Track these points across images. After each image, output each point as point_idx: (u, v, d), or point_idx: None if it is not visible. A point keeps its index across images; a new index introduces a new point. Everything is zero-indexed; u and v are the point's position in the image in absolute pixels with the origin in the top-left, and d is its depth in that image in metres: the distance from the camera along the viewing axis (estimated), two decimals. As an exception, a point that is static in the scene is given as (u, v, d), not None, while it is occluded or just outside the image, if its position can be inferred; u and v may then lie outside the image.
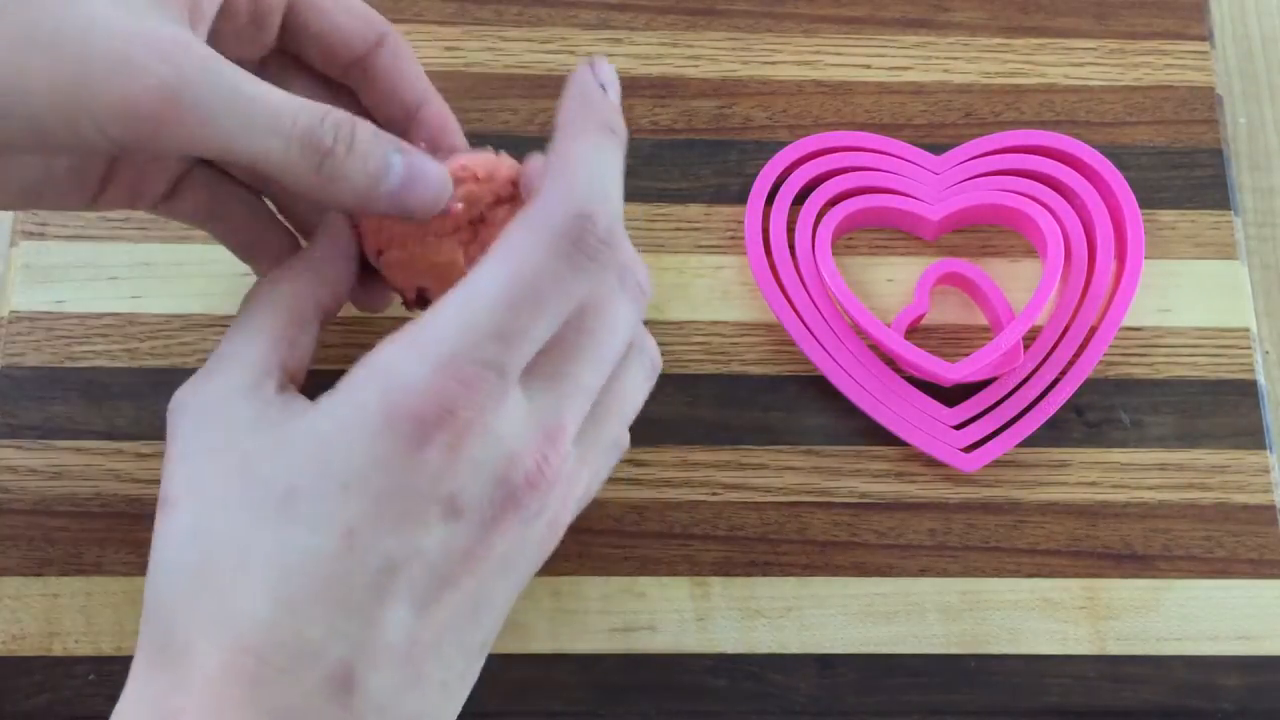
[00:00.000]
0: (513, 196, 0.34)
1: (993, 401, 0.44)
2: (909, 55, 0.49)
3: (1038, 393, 0.44)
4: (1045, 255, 0.45)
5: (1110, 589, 0.43)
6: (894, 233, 0.47)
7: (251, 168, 0.31)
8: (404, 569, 0.28)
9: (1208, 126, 0.49)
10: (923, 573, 0.43)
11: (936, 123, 0.48)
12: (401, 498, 0.28)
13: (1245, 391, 0.45)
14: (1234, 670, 0.42)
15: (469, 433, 0.28)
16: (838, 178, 0.46)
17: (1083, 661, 0.42)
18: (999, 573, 0.43)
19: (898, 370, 0.45)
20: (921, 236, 0.47)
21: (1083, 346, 0.45)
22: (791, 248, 0.46)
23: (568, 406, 0.31)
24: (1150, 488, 0.44)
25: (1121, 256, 0.46)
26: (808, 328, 0.45)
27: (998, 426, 0.44)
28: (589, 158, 0.30)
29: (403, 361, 0.29)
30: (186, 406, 0.31)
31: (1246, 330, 0.46)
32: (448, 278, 0.32)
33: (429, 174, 0.32)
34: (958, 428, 0.44)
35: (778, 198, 0.46)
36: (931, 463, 0.44)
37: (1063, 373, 0.45)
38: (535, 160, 0.34)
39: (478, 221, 0.34)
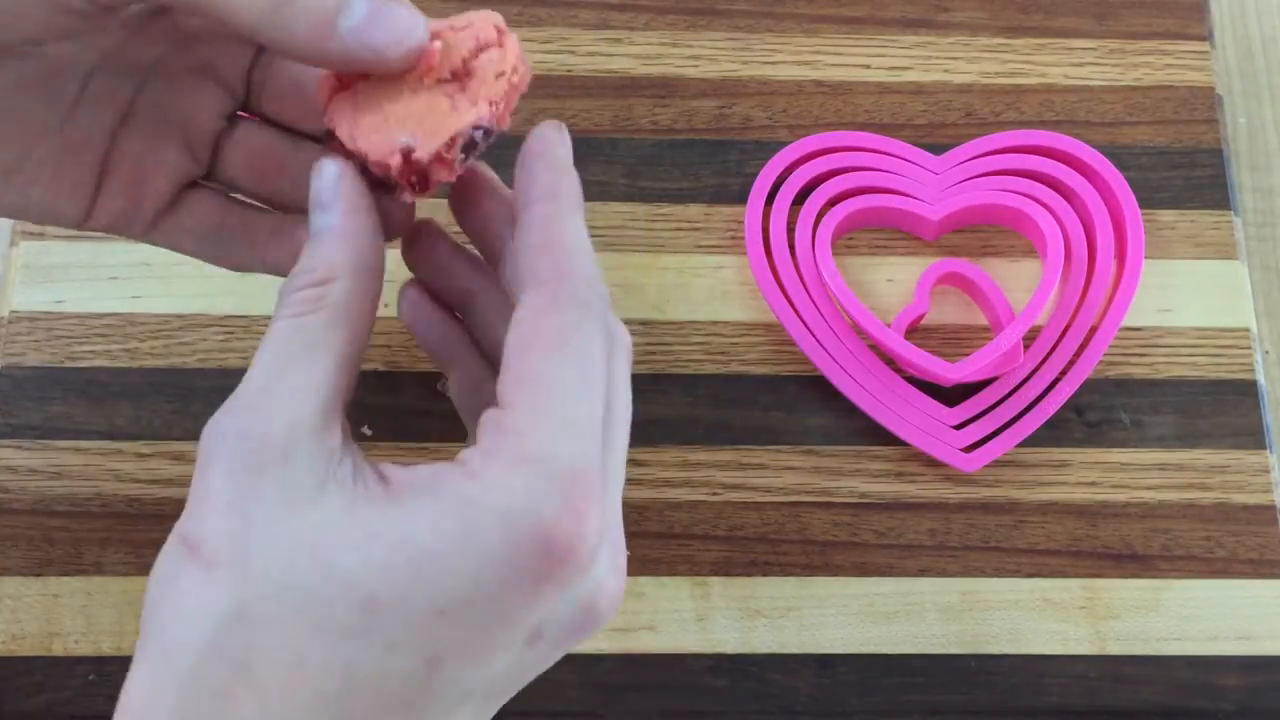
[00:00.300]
0: (499, 42, 0.31)
1: (993, 401, 0.44)
2: (909, 55, 0.49)
3: (1038, 393, 0.44)
4: (1045, 255, 0.45)
5: (1110, 589, 0.43)
6: (894, 233, 0.47)
7: (196, 8, 0.28)
8: (474, 694, 0.26)
9: (1208, 126, 0.49)
10: (923, 573, 0.43)
11: (936, 123, 0.48)
12: (498, 628, 0.26)
13: (1245, 391, 0.45)
14: (1234, 670, 0.42)
15: (589, 560, 0.26)
16: (838, 178, 0.46)
17: (1083, 661, 0.42)
18: (999, 573, 0.43)
19: (898, 370, 0.45)
20: (921, 236, 0.47)
21: (1083, 346, 0.45)
22: (791, 248, 0.46)
23: (619, 505, 0.28)
24: (1150, 488, 0.44)
25: (1121, 256, 0.46)
26: (808, 328, 0.45)
27: (998, 426, 0.44)
28: (581, 237, 0.29)
29: (519, 481, 0.25)
30: (229, 439, 0.26)
31: (1246, 330, 0.46)
32: (434, 125, 0.29)
33: (396, 11, 0.29)
34: (958, 428, 0.44)
35: (778, 198, 0.46)
36: (931, 463, 0.44)
37: (1063, 373, 0.45)
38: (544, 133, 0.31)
39: (463, 74, 0.30)
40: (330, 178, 0.29)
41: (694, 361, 0.45)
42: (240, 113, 0.35)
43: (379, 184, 0.31)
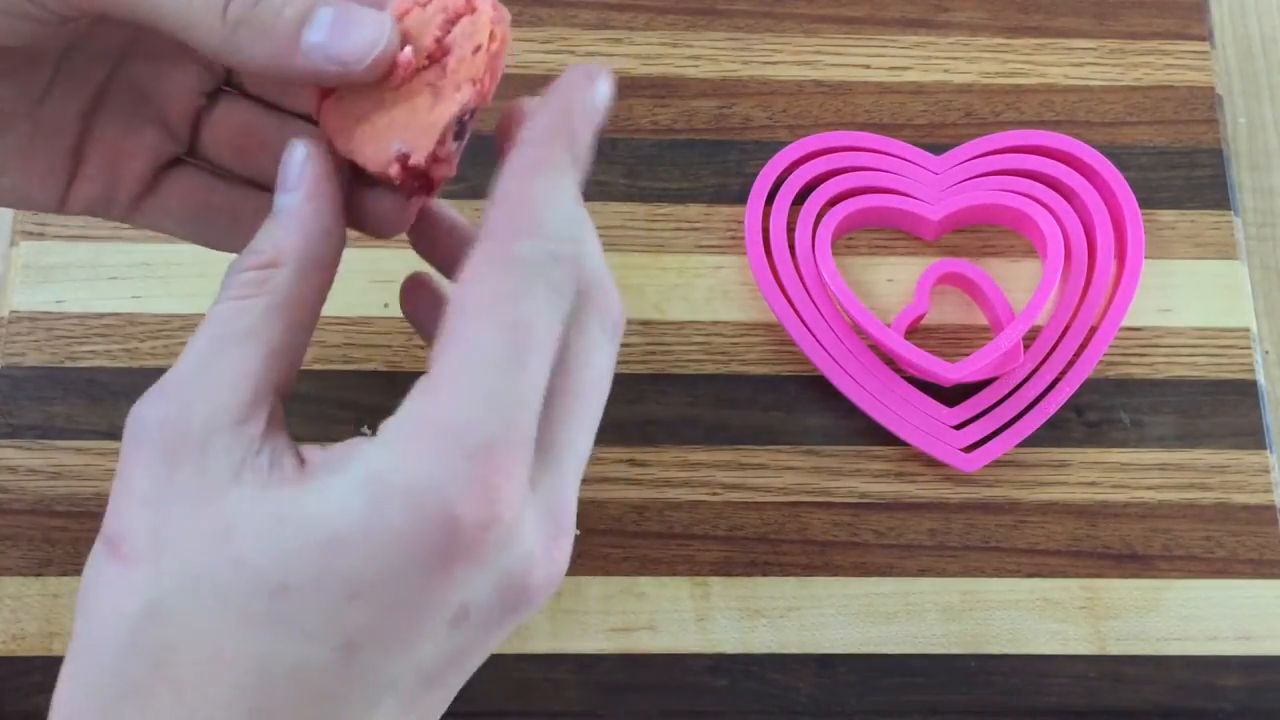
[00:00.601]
0: (471, 9, 0.29)
1: (993, 401, 0.44)
2: (909, 55, 0.49)
3: (1038, 393, 0.44)
4: (1045, 255, 0.45)
5: (1110, 589, 0.43)
6: (894, 233, 0.47)
7: (154, 27, 0.27)
8: (400, 681, 0.25)
9: (1208, 126, 0.49)
10: (923, 573, 0.43)
11: (936, 123, 0.48)
12: (415, 611, 0.25)
13: (1245, 391, 0.45)
14: (1234, 670, 0.42)
15: (507, 538, 0.25)
16: (838, 178, 0.46)
17: (1083, 661, 0.42)
18: (999, 573, 0.43)
19: (898, 370, 0.45)
20: (921, 236, 0.47)
21: (1083, 346, 0.45)
22: (791, 248, 0.46)
23: (571, 482, 0.27)
24: (1150, 488, 0.44)
25: (1121, 256, 0.46)
26: (808, 328, 0.45)
27: (998, 426, 0.44)
28: (556, 192, 0.27)
29: (428, 455, 0.24)
30: (149, 428, 0.26)
31: (1246, 330, 0.46)
32: (422, 124, 0.28)
33: (362, 19, 0.27)
34: (958, 428, 0.44)
35: (778, 198, 0.46)
36: (931, 463, 0.44)
37: (1063, 373, 0.45)
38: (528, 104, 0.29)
39: (438, 54, 0.29)
40: (299, 159, 0.28)
41: (694, 361, 0.45)
42: (224, 86, 0.34)
43: (388, 183, 0.30)
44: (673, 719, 0.41)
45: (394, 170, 0.29)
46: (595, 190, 0.47)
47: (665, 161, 0.47)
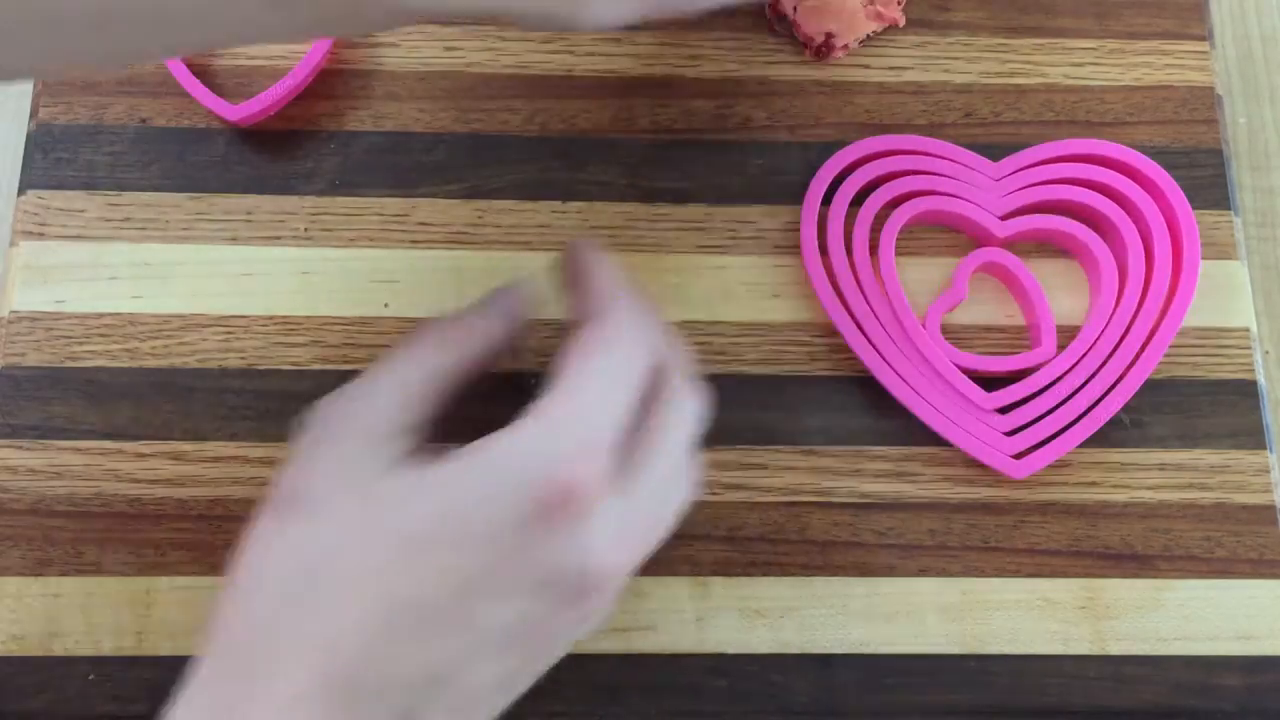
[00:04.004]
0: None
1: (1043, 411, 0.44)
2: (909, 55, 0.49)
3: (1089, 403, 0.44)
4: (1098, 290, 0.45)
5: (1110, 589, 0.43)
6: (939, 230, 0.47)
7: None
8: (492, 633, 0.31)
9: (1208, 126, 0.49)
10: (923, 573, 0.43)
11: (936, 123, 0.48)
12: (514, 564, 0.30)
13: (1245, 391, 0.45)
14: (1234, 670, 0.42)
15: (589, 514, 0.30)
16: (894, 181, 0.46)
17: (1083, 661, 0.42)
18: (999, 573, 0.43)
19: (946, 375, 0.44)
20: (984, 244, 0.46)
21: (1136, 357, 0.44)
22: (849, 249, 0.45)
23: (645, 503, 0.33)
24: (1150, 488, 0.44)
25: (1177, 270, 0.45)
26: (856, 324, 0.44)
27: (1048, 435, 0.43)
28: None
29: (538, 434, 0.31)
30: (331, 419, 0.33)
31: (1246, 330, 0.46)
32: (854, 24, 0.47)
33: None
34: (1009, 434, 0.44)
35: (835, 198, 0.46)
36: (932, 462, 0.44)
37: (1115, 383, 0.44)
38: None
39: None
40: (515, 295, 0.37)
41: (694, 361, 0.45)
42: None
43: None
44: (672, 719, 0.41)
45: (819, 40, 0.47)
46: (595, 190, 0.47)
47: (665, 162, 0.47)
